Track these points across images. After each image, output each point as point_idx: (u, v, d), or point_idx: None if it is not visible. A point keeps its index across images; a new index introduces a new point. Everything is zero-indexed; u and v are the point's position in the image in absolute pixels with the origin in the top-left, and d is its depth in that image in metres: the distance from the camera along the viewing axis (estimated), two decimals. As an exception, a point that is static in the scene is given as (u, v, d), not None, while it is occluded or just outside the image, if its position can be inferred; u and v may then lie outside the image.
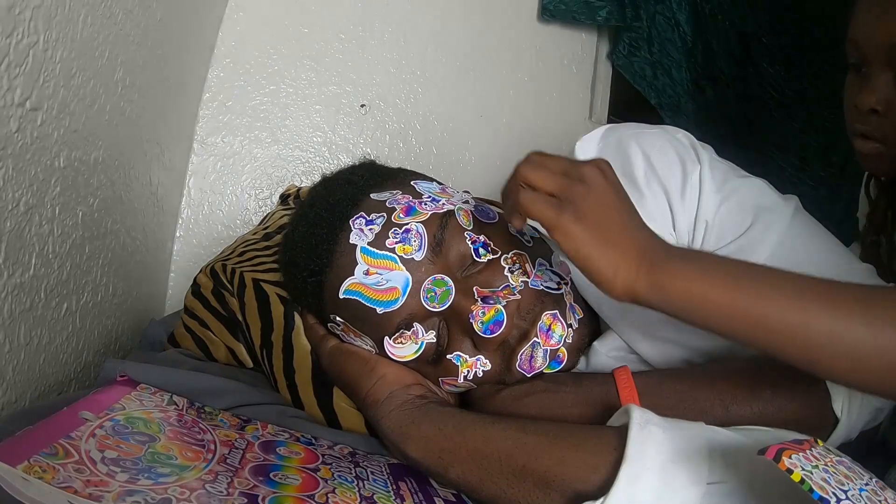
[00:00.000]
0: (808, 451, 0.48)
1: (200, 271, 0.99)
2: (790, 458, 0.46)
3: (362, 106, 1.54)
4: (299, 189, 1.20)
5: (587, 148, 0.86)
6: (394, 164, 0.92)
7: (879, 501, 0.47)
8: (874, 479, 0.50)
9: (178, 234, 1.42)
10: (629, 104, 1.76)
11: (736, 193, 0.79)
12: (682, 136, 0.84)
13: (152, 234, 1.24)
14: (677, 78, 1.72)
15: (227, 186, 1.47)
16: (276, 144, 1.50)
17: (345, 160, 1.52)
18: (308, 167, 1.51)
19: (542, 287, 0.78)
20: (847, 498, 0.45)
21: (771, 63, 1.79)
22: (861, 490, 0.47)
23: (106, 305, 1.01)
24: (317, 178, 0.91)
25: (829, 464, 0.48)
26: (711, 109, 1.76)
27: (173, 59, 1.20)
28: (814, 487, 0.44)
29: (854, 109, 0.89)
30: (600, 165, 0.65)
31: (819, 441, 0.51)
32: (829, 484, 0.46)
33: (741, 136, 1.79)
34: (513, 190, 0.65)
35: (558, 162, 0.65)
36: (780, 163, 1.82)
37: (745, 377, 0.71)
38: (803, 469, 0.46)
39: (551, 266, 0.82)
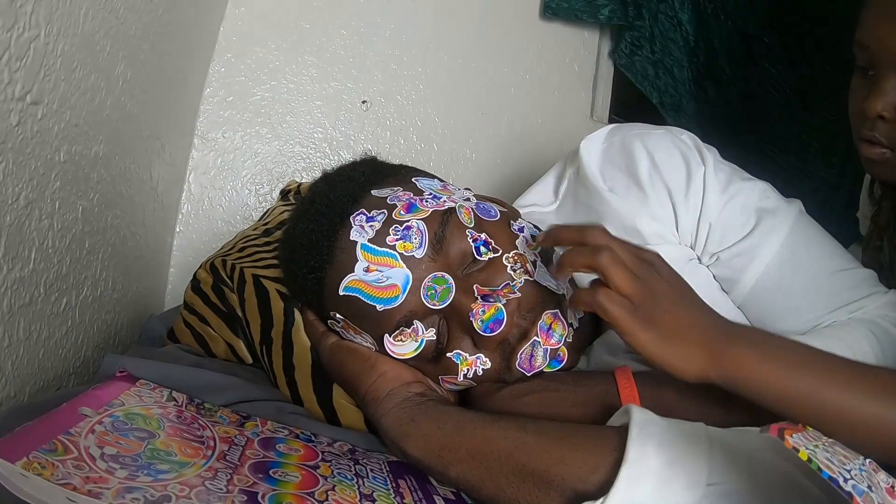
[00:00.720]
0: (804, 432, 0.48)
1: (200, 267, 0.99)
2: (792, 437, 0.46)
3: (363, 102, 1.54)
4: (300, 185, 1.20)
5: (592, 147, 0.86)
6: (395, 161, 0.92)
7: (876, 483, 0.47)
8: (867, 461, 0.50)
9: (178, 230, 1.42)
10: (631, 103, 1.75)
11: (739, 195, 0.79)
12: (687, 137, 0.84)
13: (152, 229, 1.24)
14: (679, 77, 1.72)
15: (228, 182, 1.46)
16: (277, 140, 1.50)
17: (346, 156, 1.52)
18: (309, 163, 1.51)
19: (543, 286, 0.77)
20: (852, 478, 0.45)
21: (772, 63, 1.79)
22: (861, 469, 0.47)
23: (105, 300, 1.01)
24: (317, 174, 0.91)
25: (825, 444, 0.48)
26: (713, 109, 1.76)
27: (175, 54, 1.20)
28: (822, 467, 0.44)
29: (860, 114, 0.87)
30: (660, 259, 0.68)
31: (808, 427, 0.51)
32: (833, 463, 0.46)
33: (742, 136, 1.79)
34: (580, 260, 0.66)
35: (627, 252, 0.66)
36: (781, 163, 1.82)
37: None
38: (807, 448, 0.45)
39: (552, 265, 0.82)
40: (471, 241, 0.77)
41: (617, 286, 0.63)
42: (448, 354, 0.76)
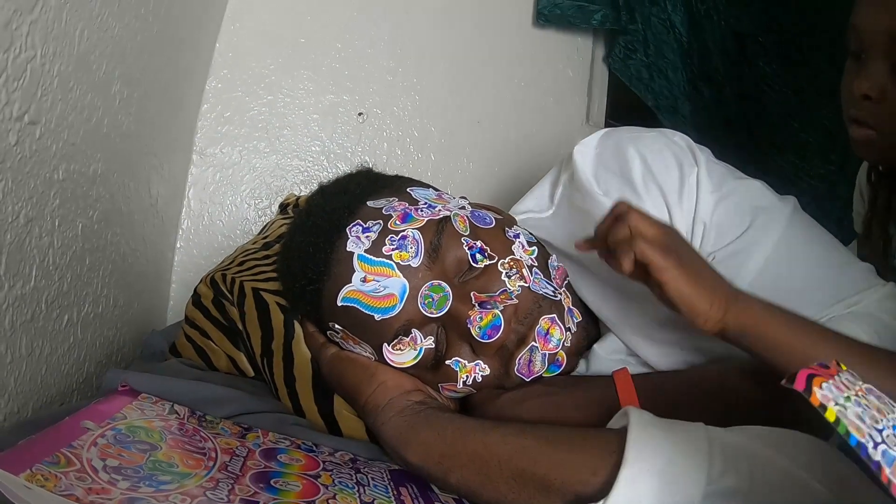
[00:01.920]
0: (836, 377, 0.43)
1: (201, 281, 1.00)
2: (821, 387, 0.41)
3: (360, 114, 1.55)
4: (298, 198, 1.21)
5: (585, 152, 0.86)
6: (392, 172, 0.93)
7: None
8: None
9: (178, 245, 1.43)
10: (626, 107, 1.76)
11: (733, 195, 0.80)
12: (679, 139, 0.84)
13: (152, 245, 1.24)
14: (674, 79, 1.72)
15: (227, 197, 1.47)
16: (275, 154, 1.50)
17: (343, 168, 1.53)
18: (307, 176, 1.52)
19: (540, 292, 0.78)
20: (883, 441, 0.40)
21: (767, 62, 1.79)
22: (895, 427, 0.42)
23: (107, 316, 1.01)
24: (316, 186, 0.91)
25: (859, 393, 0.43)
26: (709, 110, 1.76)
27: (171, 71, 1.21)
28: (850, 429, 0.39)
29: (849, 95, 0.91)
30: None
31: (843, 364, 0.46)
32: (864, 422, 0.41)
33: (739, 137, 1.79)
34: (623, 235, 0.68)
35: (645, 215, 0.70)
36: (779, 162, 1.82)
37: (744, 379, 0.71)
38: (836, 403, 0.41)
39: (549, 270, 0.82)
40: (466, 248, 0.77)
41: (646, 234, 0.67)
42: (447, 362, 0.77)
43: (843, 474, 0.56)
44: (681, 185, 0.80)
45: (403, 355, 0.76)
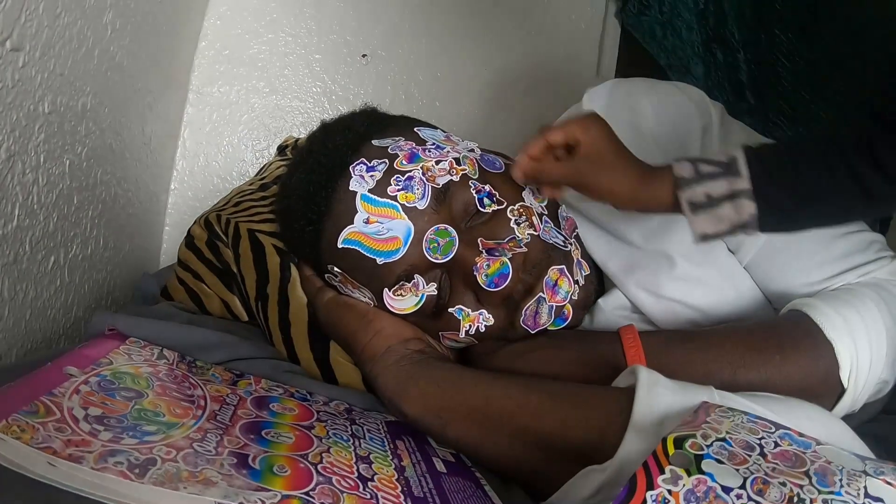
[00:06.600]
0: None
1: (195, 223, 0.97)
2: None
3: (363, 56, 1.51)
4: (297, 140, 1.17)
5: (595, 100, 0.84)
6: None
7: None
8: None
9: (172, 187, 1.40)
10: (637, 64, 1.72)
11: None
12: (694, 92, 0.82)
13: (145, 186, 1.21)
14: (687, 39, 1.68)
15: (224, 137, 1.44)
16: (274, 94, 1.47)
17: (345, 111, 1.48)
18: (307, 118, 1.48)
19: (549, 241, 0.75)
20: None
21: (783, 30, 1.75)
22: None
23: (97, 259, 0.98)
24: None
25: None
26: (721, 73, 1.73)
27: (167, 4, 1.16)
28: None
29: None
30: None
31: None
32: None
33: (749, 102, 1.76)
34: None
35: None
36: (788, 132, 1.79)
37: (754, 341, 0.69)
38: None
39: (559, 220, 0.79)
40: (474, 192, 0.74)
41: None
42: (450, 310, 0.74)
43: (851, 446, 0.54)
44: (694, 139, 0.77)
45: (404, 301, 0.74)
